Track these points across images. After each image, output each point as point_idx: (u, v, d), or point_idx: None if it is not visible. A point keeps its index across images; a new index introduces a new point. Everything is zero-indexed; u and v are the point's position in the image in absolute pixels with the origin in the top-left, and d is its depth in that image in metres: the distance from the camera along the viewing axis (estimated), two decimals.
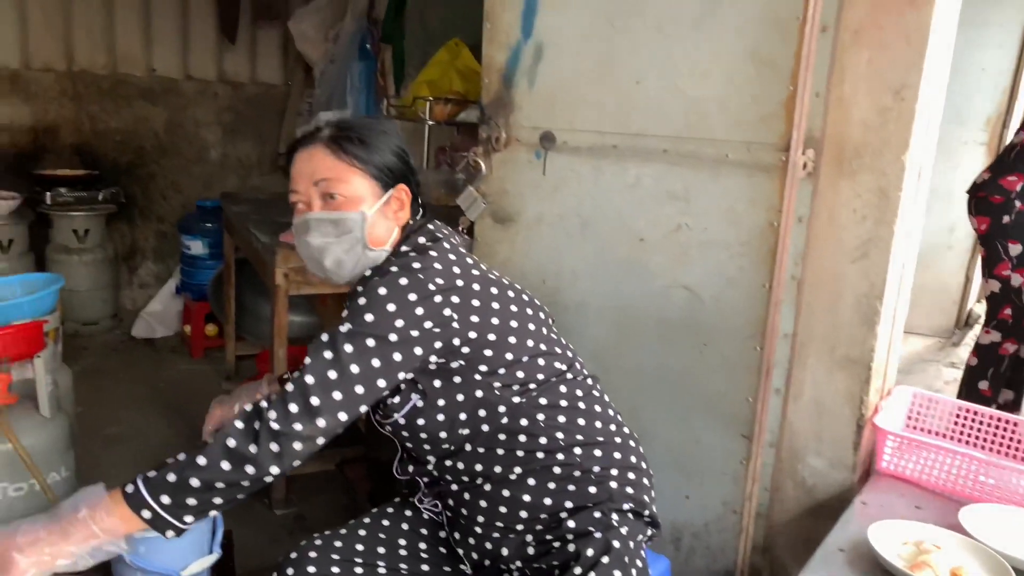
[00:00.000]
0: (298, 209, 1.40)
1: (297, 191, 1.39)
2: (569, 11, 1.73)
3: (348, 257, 1.37)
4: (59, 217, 4.17)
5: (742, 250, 1.61)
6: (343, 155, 1.36)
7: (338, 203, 1.36)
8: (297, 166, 1.40)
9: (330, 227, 1.35)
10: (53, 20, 4.25)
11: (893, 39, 1.52)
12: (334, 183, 1.35)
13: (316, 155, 1.38)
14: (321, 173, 1.36)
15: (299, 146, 1.42)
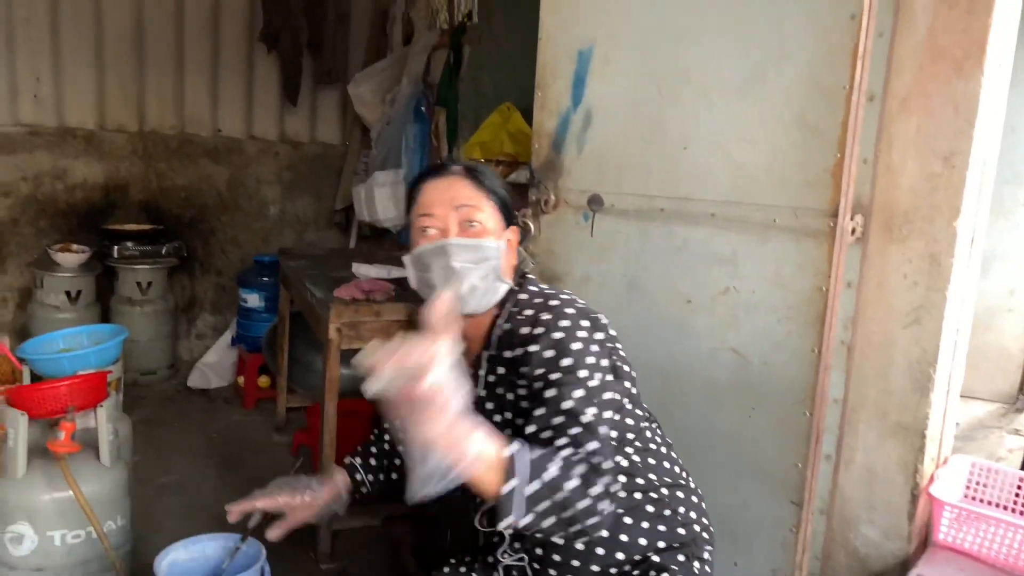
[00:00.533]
0: (429, 235, 1.41)
1: (433, 215, 1.41)
2: (617, 81, 1.78)
3: (482, 284, 1.40)
4: (124, 270, 4.34)
5: (790, 314, 1.61)
6: (481, 185, 1.43)
7: (477, 231, 1.40)
8: (432, 194, 1.43)
9: (470, 253, 1.39)
10: (128, 85, 4.50)
11: (941, 107, 1.53)
12: (475, 210, 1.40)
13: (455, 183, 1.43)
14: (462, 199, 1.40)
15: (430, 176, 1.47)
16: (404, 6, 4.75)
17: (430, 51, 4.39)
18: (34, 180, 4.34)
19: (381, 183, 4.30)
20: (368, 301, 2.75)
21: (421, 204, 1.44)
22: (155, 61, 4.54)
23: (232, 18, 4.72)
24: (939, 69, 1.53)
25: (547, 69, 1.96)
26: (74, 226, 4.45)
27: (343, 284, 2.93)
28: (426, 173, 1.49)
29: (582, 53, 1.84)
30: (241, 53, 4.79)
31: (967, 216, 1.57)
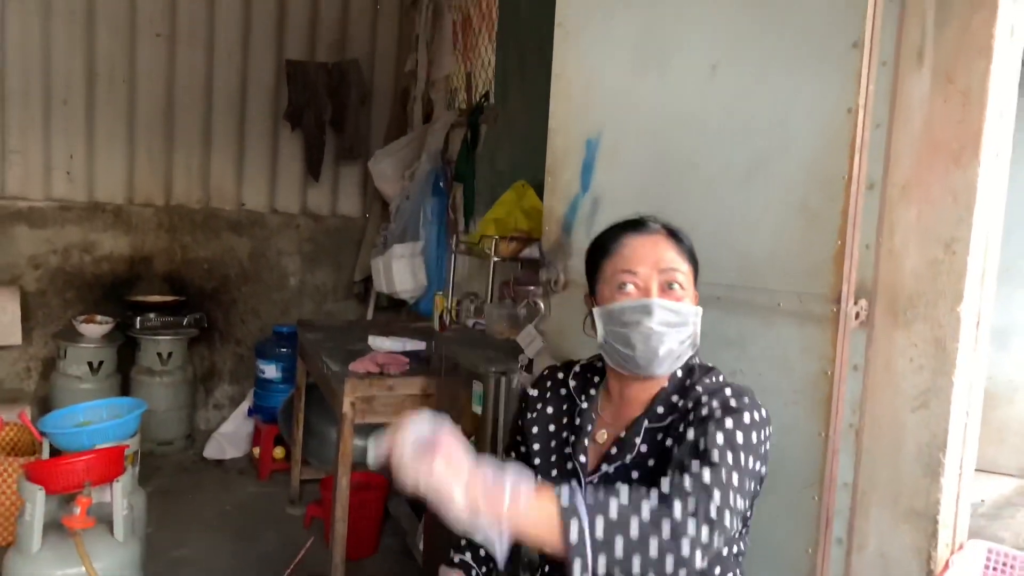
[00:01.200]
0: (628, 292, 1.39)
1: (635, 273, 1.38)
2: (624, 169, 1.85)
3: (678, 349, 1.39)
4: (146, 340, 4.43)
5: (796, 398, 1.62)
6: (683, 249, 1.42)
7: (677, 294, 1.39)
8: (637, 250, 1.40)
9: (672, 316, 1.37)
10: (157, 162, 4.68)
11: (940, 196, 1.57)
12: (677, 274, 1.39)
13: (659, 243, 1.41)
14: (668, 261, 1.39)
15: (630, 230, 1.44)
16: (424, 86, 4.92)
17: (448, 129, 4.53)
18: (63, 253, 4.47)
19: (399, 255, 4.39)
20: (382, 375, 2.79)
21: (622, 258, 1.41)
22: (184, 139, 4.72)
23: (258, 98, 4.92)
24: (937, 159, 1.57)
25: (557, 156, 2.03)
26: (99, 297, 4.56)
27: (359, 357, 2.97)
28: (625, 227, 1.45)
29: (590, 141, 1.91)
30: (266, 131, 4.97)
31: (970, 301, 1.58)
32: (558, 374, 1.65)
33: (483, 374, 2.23)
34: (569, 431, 1.55)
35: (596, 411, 1.54)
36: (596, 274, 1.47)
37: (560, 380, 1.63)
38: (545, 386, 1.64)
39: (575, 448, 1.51)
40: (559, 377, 1.64)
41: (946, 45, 1.54)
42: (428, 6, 4.86)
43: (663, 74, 1.76)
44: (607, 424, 1.51)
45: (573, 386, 1.59)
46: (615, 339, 1.40)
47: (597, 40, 1.89)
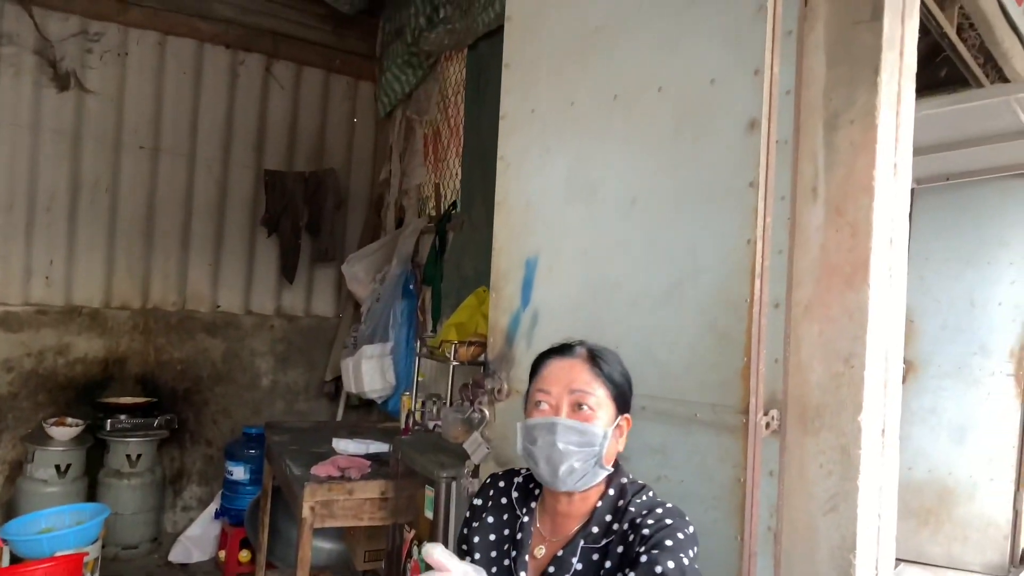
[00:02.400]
0: (541, 410, 1.52)
1: (549, 393, 1.52)
2: (559, 286, 2.01)
3: (581, 468, 1.49)
4: (115, 442, 4.46)
5: (715, 503, 1.73)
6: (599, 372, 1.53)
7: (585, 415, 1.50)
8: (554, 371, 1.54)
9: (575, 435, 1.48)
10: (135, 266, 4.83)
11: (838, 314, 1.74)
12: (587, 396, 1.51)
13: (576, 366, 1.54)
14: (578, 384, 1.51)
15: (556, 354, 1.57)
16: (397, 194, 5.16)
17: (419, 235, 4.73)
18: (37, 355, 4.55)
19: (369, 356, 4.50)
20: (343, 479, 2.86)
21: (541, 378, 1.55)
22: (162, 244, 4.89)
23: (236, 205, 5.13)
24: (833, 282, 1.75)
25: (500, 273, 2.20)
26: (71, 399, 4.61)
27: (322, 460, 3.05)
28: (553, 351, 1.59)
29: (529, 261, 2.08)
30: (243, 236, 5.16)
31: (871, 410, 1.73)
32: (500, 482, 1.75)
33: (435, 479, 2.33)
34: (510, 544, 1.64)
35: (535, 524, 1.63)
36: (527, 395, 1.61)
37: (502, 488, 1.73)
38: (488, 495, 1.73)
39: (515, 563, 1.60)
40: (501, 486, 1.73)
41: (835, 183, 1.75)
42: (401, 121, 5.15)
43: (591, 204, 1.95)
44: (545, 540, 1.61)
45: (515, 497, 1.69)
46: (527, 454, 1.54)
47: (534, 173, 2.09)
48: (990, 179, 4.29)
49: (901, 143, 1.82)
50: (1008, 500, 5.01)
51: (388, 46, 5.10)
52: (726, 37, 1.73)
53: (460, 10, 4.20)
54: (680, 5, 1.81)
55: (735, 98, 1.70)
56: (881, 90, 1.70)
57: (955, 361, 4.73)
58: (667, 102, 1.83)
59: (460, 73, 4.56)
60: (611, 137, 1.93)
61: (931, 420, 4.86)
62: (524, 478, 1.73)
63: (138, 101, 4.79)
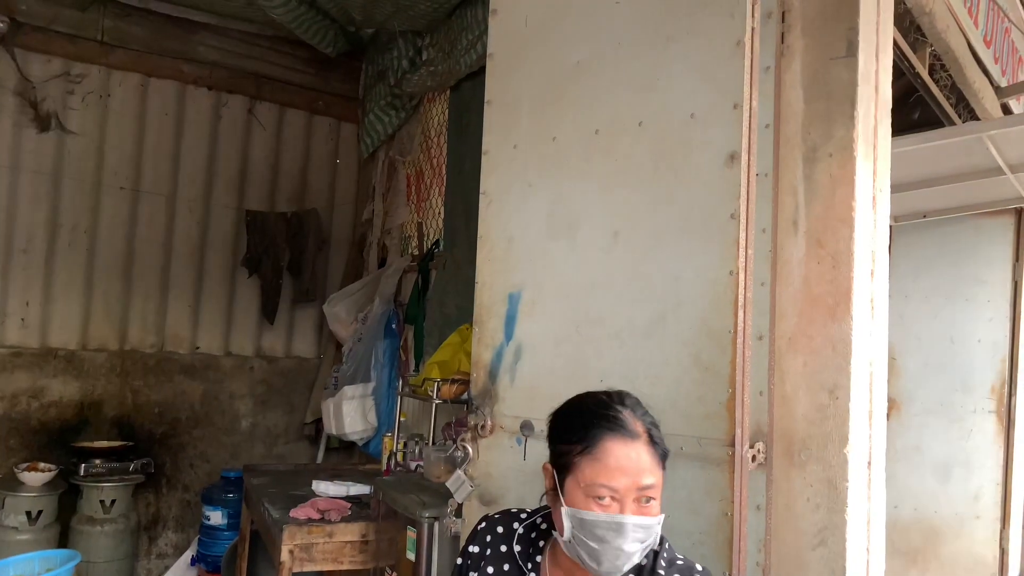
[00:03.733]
0: (604, 504, 1.36)
1: (616, 490, 1.35)
2: (542, 320, 2.00)
3: (639, 557, 1.39)
4: (89, 488, 4.34)
5: (703, 538, 1.70)
6: (658, 455, 1.41)
7: (651, 508, 1.38)
8: (621, 460, 1.36)
9: (643, 533, 1.37)
10: (113, 308, 4.77)
11: (821, 346, 1.73)
12: (657, 490, 1.38)
13: (642, 453, 1.38)
14: (646, 476, 1.37)
15: (618, 434, 1.38)
16: (380, 234, 5.16)
17: (401, 274, 4.72)
18: (10, 399, 4.45)
19: (350, 396, 4.45)
20: (323, 521, 2.80)
21: (604, 467, 1.36)
22: (141, 286, 4.84)
23: (217, 245, 5.10)
24: (816, 314, 1.75)
25: (483, 308, 2.19)
26: (44, 443, 4.51)
27: (301, 504, 2.98)
28: (610, 425, 1.40)
29: (512, 296, 2.07)
30: (224, 276, 5.13)
31: (857, 442, 1.72)
32: (497, 527, 1.64)
33: (417, 520, 2.28)
34: None
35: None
36: (568, 464, 1.42)
37: (500, 535, 1.62)
38: (485, 541, 1.63)
39: None
40: (499, 532, 1.63)
41: (815, 216, 1.76)
42: (384, 161, 5.18)
43: (573, 239, 1.95)
44: None
45: (519, 551, 1.58)
46: (581, 546, 1.38)
47: (516, 208, 2.10)
48: (966, 217, 4.36)
49: (879, 176, 1.84)
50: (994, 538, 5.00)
51: (371, 88, 5.15)
52: (705, 73, 1.75)
53: (443, 52, 4.26)
54: (659, 41, 1.84)
55: (715, 132, 1.72)
56: (858, 124, 1.73)
57: (937, 398, 4.76)
58: (648, 137, 1.84)
59: (443, 114, 4.60)
60: (592, 172, 1.94)
61: (915, 458, 4.87)
62: (526, 527, 1.63)
63: (119, 142, 4.78)
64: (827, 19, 1.79)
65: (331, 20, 4.52)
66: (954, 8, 3.05)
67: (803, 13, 1.82)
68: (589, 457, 1.39)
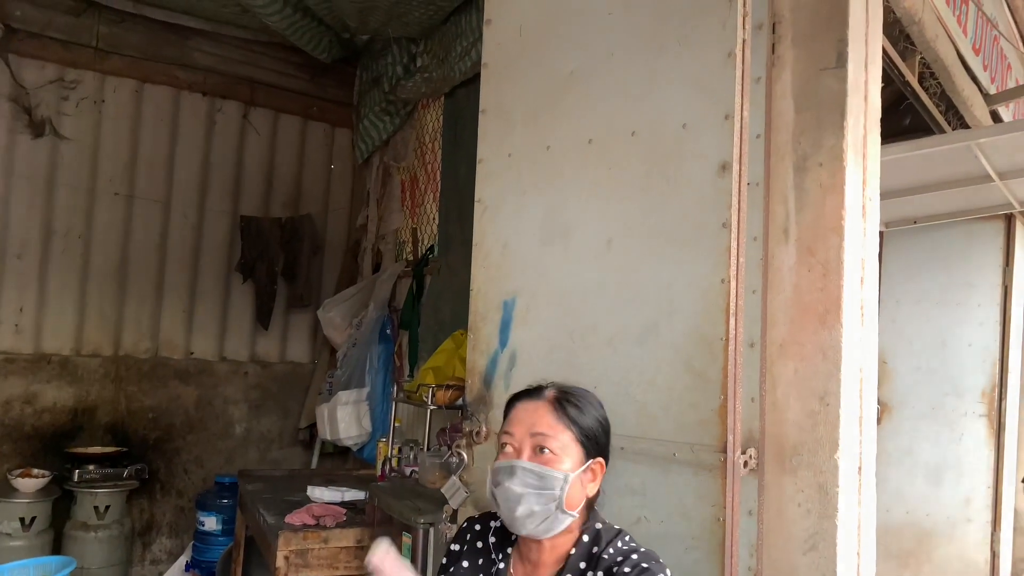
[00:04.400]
0: (506, 452, 1.53)
1: (512, 435, 1.52)
2: (537, 327, 2.02)
3: (541, 512, 1.48)
4: (83, 494, 4.34)
5: (695, 543, 1.72)
6: (563, 415, 1.52)
7: (547, 458, 1.49)
8: (519, 414, 1.55)
9: (533, 479, 1.48)
10: (107, 313, 4.77)
11: (812, 353, 1.76)
12: (549, 439, 1.50)
13: (540, 409, 1.53)
14: (540, 427, 1.50)
15: (524, 396, 1.58)
16: (374, 239, 5.18)
17: (396, 279, 4.74)
18: (4, 405, 4.45)
19: (344, 402, 4.46)
20: (318, 527, 2.81)
21: (507, 420, 1.56)
22: (135, 291, 4.84)
23: (212, 251, 5.11)
24: (807, 321, 1.77)
25: (478, 315, 2.20)
26: (37, 449, 4.50)
27: (296, 509, 2.99)
28: (522, 393, 1.60)
29: (506, 303, 2.09)
30: (218, 282, 5.13)
31: (847, 448, 1.74)
32: (476, 526, 1.72)
33: (412, 525, 2.29)
34: None
35: (510, 570, 1.61)
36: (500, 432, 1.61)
37: (478, 532, 1.71)
38: (464, 539, 1.71)
39: None
40: (477, 529, 1.71)
41: (806, 224, 1.78)
42: (379, 167, 5.19)
43: (567, 246, 1.97)
44: None
45: (493, 542, 1.66)
46: (492, 496, 1.55)
47: (511, 216, 2.11)
48: (957, 222, 4.40)
49: (869, 184, 1.86)
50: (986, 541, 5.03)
51: (365, 94, 5.17)
52: (696, 83, 1.77)
53: (437, 59, 4.28)
54: (652, 52, 1.86)
55: (706, 142, 1.74)
56: (848, 133, 1.75)
57: (929, 402, 4.79)
58: (640, 146, 1.86)
59: (437, 120, 4.62)
60: (586, 180, 1.96)
61: (907, 461, 4.90)
62: (502, 522, 1.71)
63: (114, 148, 4.79)
64: (817, 30, 1.82)
65: (326, 26, 4.54)
66: (943, 17, 3.08)
67: (794, 24, 1.84)
68: (504, 420, 1.59)
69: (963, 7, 3.38)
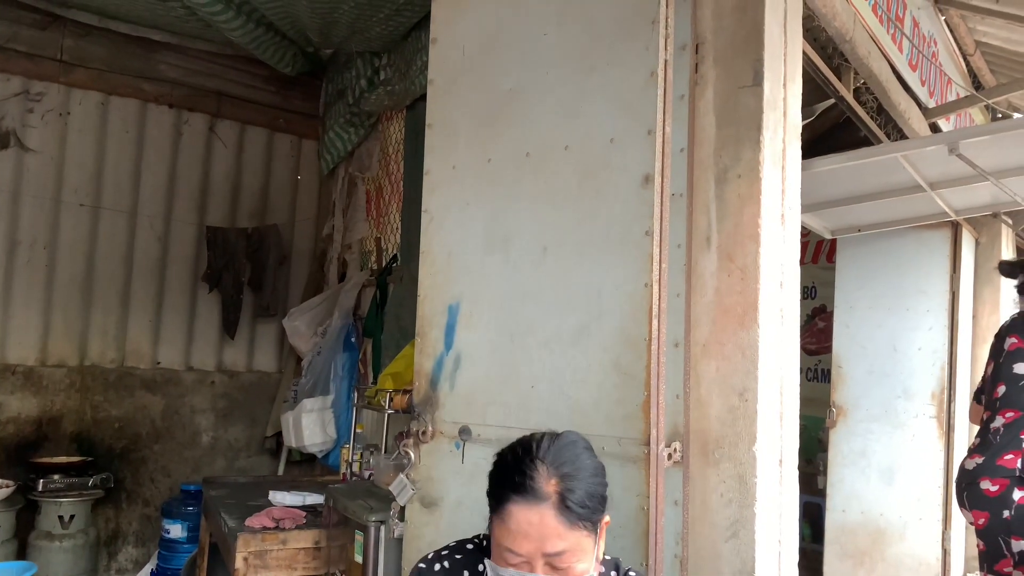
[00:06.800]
0: (516, 564, 1.35)
1: (519, 554, 1.34)
2: (479, 330, 2.12)
3: None
4: (47, 503, 4.36)
5: (621, 532, 1.83)
6: (572, 516, 1.34)
7: (566, 571, 1.35)
8: (520, 524, 1.34)
9: None
10: (72, 323, 4.80)
11: (732, 352, 1.88)
12: (566, 554, 1.33)
13: (545, 518, 1.33)
14: (552, 544, 1.33)
15: (519, 497, 1.34)
16: (340, 249, 5.25)
17: (360, 288, 4.82)
18: None
19: (309, 409, 4.52)
20: (277, 529, 2.88)
21: (508, 531, 1.35)
22: (101, 301, 4.88)
23: (178, 262, 5.16)
24: (727, 322, 1.89)
25: (425, 319, 2.30)
26: (1, 460, 4.51)
27: (256, 513, 3.05)
28: (515, 487, 1.36)
29: (451, 307, 2.19)
30: (184, 292, 5.18)
31: (766, 441, 1.86)
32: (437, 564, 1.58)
33: (364, 524, 2.38)
34: None
35: None
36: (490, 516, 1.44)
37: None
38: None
39: None
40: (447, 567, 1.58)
41: (726, 232, 1.91)
42: (344, 177, 5.28)
43: (507, 253, 2.08)
44: None
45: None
46: None
47: (455, 225, 2.22)
48: (908, 230, 4.57)
49: (788, 194, 1.99)
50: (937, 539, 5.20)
51: (331, 106, 5.26)
52: (622, 101, 1.89)
53: (399, 72, 4.38)
54: (583, 71, 1.98)
55: (631, 156, 1.86)
56: (764, 147, 1.88)
57: (882, 405, 4.95)
58: (573, 159, 1.98)
59: (400, 132, 4.73)
60: (524, 191, 2.08)
61: (861, 463, 5.05)
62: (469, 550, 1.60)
63: (79, 160, 4.83)
64: (736, 51, 1.95)
65: (289, 41, 4.63)
66: (876, 35, 3.24)
67: (715, 45, 1.97)
68: (498, 518, 1.39)
69: (897, 24, 3.54)
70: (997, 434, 3.04)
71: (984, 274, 4.90)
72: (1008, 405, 3.06)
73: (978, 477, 3.00)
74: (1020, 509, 2.91)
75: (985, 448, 3.06)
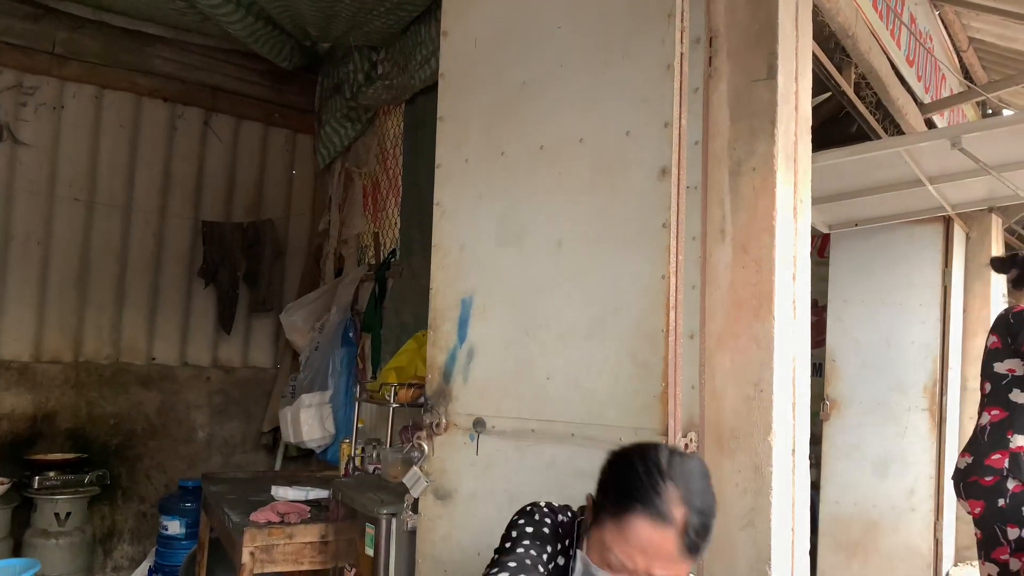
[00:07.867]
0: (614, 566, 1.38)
1: (627, 565, 1.36)
2: (493, 324, 2.13)
3: None
4: (43, 500, 4.32)
5: None
6: (692, 556, 1.37)
7: None
8: (641, 540, 1.35)
9: None
10: (67, 319, 4.76)
11: (747, 344, 1.89)
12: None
13: (668, 544, 1.35)
14: (664, 568, 1.35)
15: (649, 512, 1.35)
16: (336, 244, 5.24)
17: (358, 283, 4.80)
18: None
19: (307, 404, 4.51)
20: (283, 524, 2.88)
21: (625, 542, 1.36)
22: (96, 297, 4.84)
23: (173, 257, 5.13)
24: (742, 314, 1.91)
25: (438, 313, 2.31)
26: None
27: (260, 508, 3.05)
28: (646, 503, 1.36)
29: (464, 301, 2.20)
30: (180, 287, 5.15)
31: (781, 431, 1.88)
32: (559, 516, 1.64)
33: (375, 516, 2.38)
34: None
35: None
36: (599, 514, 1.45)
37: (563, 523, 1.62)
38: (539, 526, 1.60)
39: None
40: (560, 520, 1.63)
41: (740, 224, 1.92)
42: (341, 172, 5.26)
43: (520, 247, 2.09)
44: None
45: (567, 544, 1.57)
46: None
47: (468, 218, 2.23)
48: (900, 225, 4.62)
49: (800, 187, 2.01)
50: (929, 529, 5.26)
51: (327, 100, 5.24)
52: (638, 94, 1.90)
53: (398, 67, 4.37)
54: (597, 65, 1.99)
55: (647, 149, 1.87)
56: (778, 140, 1.90)
57: (875, 398, 4.99)
58: (588, 152, 1.99)
59: (398, 126, 4.72)
60: (538, 184, 2.08)
61: (855, 455, 5.10)
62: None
63: (73, 154, 4.78)
64: (750, 45, 1.96)
65: (287, 34, 4.60)
66: (876, 30, 3.27)
67: (728, 39, 1.99)
68: (615, 523, 1.39)
69: (896, 21, 3.57)
70: (984, 432, 3.14)
71: (975, 268, 4.95)
72: (993, 403, 3.16)
73: (968, 477, 3.12)
74: (1015, 498, 3.00)
75: (975, 447, 3.17)
